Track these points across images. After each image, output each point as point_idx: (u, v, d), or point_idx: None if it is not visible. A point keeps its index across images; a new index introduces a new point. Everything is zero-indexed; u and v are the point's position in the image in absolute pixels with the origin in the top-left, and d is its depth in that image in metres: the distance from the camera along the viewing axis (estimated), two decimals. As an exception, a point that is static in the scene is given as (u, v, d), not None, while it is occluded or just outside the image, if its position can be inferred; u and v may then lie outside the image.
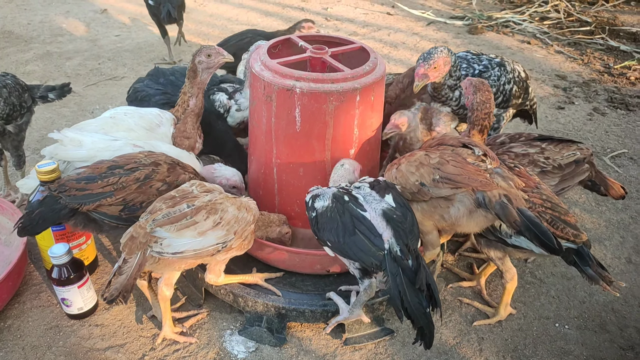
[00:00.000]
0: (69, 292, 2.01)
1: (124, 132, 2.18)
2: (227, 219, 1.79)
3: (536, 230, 1.73)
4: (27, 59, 4.52)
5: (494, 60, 2.54)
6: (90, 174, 1.88)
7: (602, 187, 2.26)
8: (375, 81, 2.01)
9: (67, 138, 2.15)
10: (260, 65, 2.05)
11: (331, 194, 1.83)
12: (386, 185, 1.86)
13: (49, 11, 5.69)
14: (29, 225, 1.85)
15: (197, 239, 1.74)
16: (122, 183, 1.85)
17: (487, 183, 1.80)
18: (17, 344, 1.99)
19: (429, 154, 1.92)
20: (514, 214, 1.76)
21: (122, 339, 2.03)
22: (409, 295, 1.63)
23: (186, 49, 4.86)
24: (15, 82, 2.53)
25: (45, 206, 1.85)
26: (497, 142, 2.25)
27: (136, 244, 1.69)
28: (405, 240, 1.70)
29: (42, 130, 3.43)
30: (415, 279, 1.64)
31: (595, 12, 5.99)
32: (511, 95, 2.55)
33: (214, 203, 1.80)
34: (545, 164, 2.09)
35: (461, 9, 6.25)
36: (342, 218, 1.75)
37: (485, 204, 1.81)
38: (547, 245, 1.73)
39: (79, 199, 1.82)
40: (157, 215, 1.72)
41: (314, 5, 6.26)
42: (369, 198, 1.80)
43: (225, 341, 2.02)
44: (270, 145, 2.09)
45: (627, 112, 3.94)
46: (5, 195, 2.75)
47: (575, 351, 2.03)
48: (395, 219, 1.73)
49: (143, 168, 1.91)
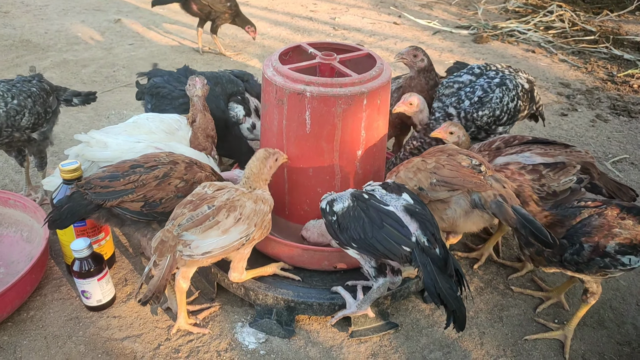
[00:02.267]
0: (89, 284, 2.11)
1: (146, 135, 2.30)
2: (247, 214, 1.90)
3: (531, 226, 1.83)
4: (44, 67, 4.67)
5: (494, 82, 2.57)
6: (113, 172, 2.00)
7: (606, 190, 2.24)
8: (381, 86, 2.11)
9: (94, 140, 2.29)
10: (272, 70, 2.16)
11: (349, 195, 1.92)
12: (397, 186, 1.94)
13: (65, 21, 5.86)
14: (58, 219, 1.98)
15: (222, 237, 1.85)
16: (142, 180, 1.97)
17: (481, 184, 1.92)
18: (39, 333, 2.10)
19: (425, 159, 2.03)
20: (510, 212, 1.87)
21: (139, 329, 2.12)
22: (441, 282, 1.73)
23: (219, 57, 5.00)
24: (40, 88, 2.61)
25: (73, 202, 1.97)
26: (493, 148, 2.32)
27: (166, 247, 1.81)
28: (432, 230, 1.80)
29: (59, 134, 3.56)
30: (444, 266, 1.75)
31: (599, 22, 6.08)
32: (516, 112, 2.61)
33: (232, 201, 1.90)
34: (539, 191, 2.12)
35: (467, 18, 6.37)
36: (368, 213, 1.82)
37: (481, 204, 1.93)
38: (543, 241, 1.82)
39: (103, 196, 1.94)
40: (181, 220, 1.83)
41: (322, 15, 6.39)
42: (386, 197, 1.89)
43: (236, 332, 2.11)
44: (281, 147, 2.19)
45: (629, 118, 4.02)
46: (26, 194, 2.87)
47: (573, 346, 2.10)
48: (418, 212, 1.82)
49: (162, 166, 2.02)
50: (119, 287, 2.32)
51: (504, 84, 2.57)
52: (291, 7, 6.63)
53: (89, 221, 2.22)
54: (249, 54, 5.14)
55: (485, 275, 2.46)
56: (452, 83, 2.65)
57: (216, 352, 2.03)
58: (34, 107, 2.53)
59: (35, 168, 2.82)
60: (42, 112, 2.57)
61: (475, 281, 2.42)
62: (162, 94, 2.74)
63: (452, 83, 2.65)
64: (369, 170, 2.26)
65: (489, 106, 2.52)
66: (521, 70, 2.75)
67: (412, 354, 2.05)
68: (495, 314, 2.24)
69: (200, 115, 2.41)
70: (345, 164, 2.18)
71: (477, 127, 2.56)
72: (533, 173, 2.14)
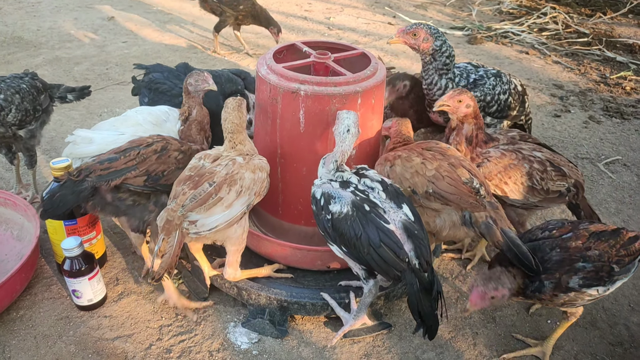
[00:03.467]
0: (80, 283, 2.09)
1: (132, 127, 2.31)
2: (247, 185, 1.91)
3: (517, 250, 1.85)
4: (36, 64, 4.63)
5: (490, 71, 2.63)
6: (111, 156, 2.03)
7: (584, 213, 2.34)
8: (375, 85, 2.11)
9: (79, 137, 2.30)
10: (266, 69, 2.15)
11: (350, 201, 1.78)
12: (397, 193, 1.85)
13: (58, 18, 5.82)
14: (50, 208, 1.97)
15: (226, 212, 1.87)
16: (142, 155, 2.01)
17: (476, 205, 1.92)
18: (29, 333, 2.07)
19: (426, 162, 1.98)
20: (498, 235, 1.90)
21: (130, 329, 2.10)
22: (423, 301, 1.77)
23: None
24: (31, 85, 2.58)
25: (65, 189, 1.96)
26: (509, 136, 2.34)
27: (172, 225, 1.81)
28: (426, 256, 1.77)
29: (51, 132, 3.53)
30: (430, 289, 1.77)
31: (593, 24, 6.11)
32: (506, 106, 2.63)
33: (232, 175, 1.90)
34: (537, 183, 2.18)
35: (461, 19, 6.38)
36: (367, 229, 1.74)
37: (471, 223, 1.93)
38: (527, 266, 1.84)
39: (105, 177, 1.96)
40: (184, 200, 1.83)
41: (316, 14, 6.39)
42: (387, 207, 1.79)
43: (229, 332, 2.10)
44: (275, 146, 2.18)
45: (622, 120, 4.04)
46: (16, 192, 2.84)
47: (566, 346, 2.11)
48: (416, 235, 1.76)
49: (157, 142, 2.08)
50: (110, 286, 2.30)
51: (499, 76, 2.62)
52: (286, 6, 6.62)
53: (81, 220, 2.20)
54: (243, 53, 5.12)
55: (478, 275, 2.45)
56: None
57: (208, 352, 2.02)
58: (22, 104, 2.49)
59: (25, 166, 2.79)
60: (30, 110, 2.54)
61: (469, 281, 2.42)
62: (161, 90, 2.73)
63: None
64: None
65: (481, 89, 2.54)
66: (514, 77, 2.77)
67: (405, 354, 2.05)
68: (489, 315, 2.24)
69: (198, 108, 2.39)
70: (339, 163, 2.17)
71: None
72: (540, 164, 2.19)
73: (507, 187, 2.17)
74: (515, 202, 2.21)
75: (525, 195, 2.18)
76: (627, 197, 3.11)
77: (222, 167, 1.93)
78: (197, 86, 2.37)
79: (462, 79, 2.56)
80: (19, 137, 2.59)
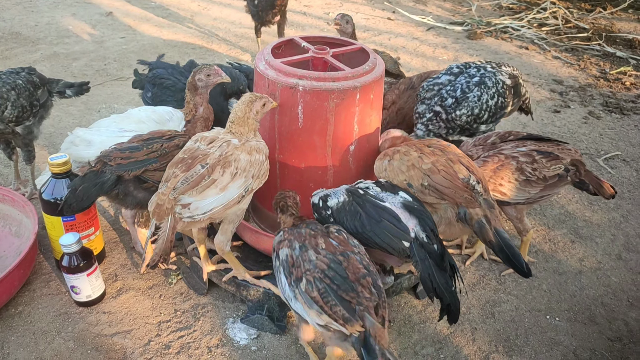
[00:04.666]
0: (78, 279, 2.09)
1: (135, 125, 2.28)
2: (243, 167, 1.85)
3: (508, 252, 1.86)
4: (34, 59, 4.61)
5: (473, 81, 2.57)
6: (132, 145, 2.01)
7: (592, 186, 2.33)
8: (374, 80, 2.10)
9: (78, 138, 2.27)
10: (264, 64, 2.14)
11: (344, 190, 1.91)
12: (392, 185, 1.93)
13: (56, 13, 5.79)
14: (75, 202, 1.95)
15: (221, 195, 1.81)
16: (165, 149, 1.99)
17: (471, 201, 1.92)
18: (27, 329, 2.07)
19: (423, 156, 1.99)
20: (490, 235, 1.90)
21: (129, 325, 2.10)
22: (437, 277, 1.74)
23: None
24: (27, 81, 2.56)
25: (87, 182, 1.95)
26: (488, 143, 2.33)
27: (163, 210, 1.77)
28: (431, 226, 1.80)
29: (49, 127, 3.52)
30: (441, 261, 1.75)
31: (592, 19, 6.09)
32: (498, 109, 2.62)
33: (226, 156, 1.84)
34: (531, 174, 2.18)
35: (461, 15, 6.36)
36: (365, 209, 1.81)
37: (466, 220, 1.93)
38: (517, 268, 1.86)
39: (124, 167, 1.94)
40: (175, 183, 1.79)
41: (316, 10, 6.36)
42: (382, 195, 1.87)
43: (227, 328, 2.10)
44: (274, 141, 2.17)
45: (621, 116, 4.03)
46: (14, 188, 2.83)
47: (565, 342, 2.11)
48: (417, 208, 1.81)
49: (179, 137, 2.06)
50: (109, 282, 2.30)
51: (483, 82, 2.57)
52: (285, 1, 6.59)
53: (79, 216, 2.19)
54: (241, 49, 5.11)
55: (477, 271, 2.46)
56: (432, 86, 2.67)
57: (207, 348, 2.02)
58: (18, 100, 2.47)
59: (24, 162, 2.78)
60: (27, 106, 2.52)
61: (468, 277, 2.42)
62: (165, 85, 2.73)
63: (432, 86, 2.67)
64: (361, 166, 2.25)
65: (465, 105, 2.53)
66: (505, 64, 2.72)
67: (404, 350, 2.05)
68: (488, 310, 2.24)
69: (205, 104, 2.38)
70: (338, 159, 2.17)
71: (459, 126, 2.57)
72: (526, 157, 2.19)
73: (504, 188, 2.16)
74: (519, 199, 2.20)
75: (525, 189, 2.18)
76: (626, 192, 3.11)
77: (215, 148, 1.87)
78: (207, 80, 2.34)
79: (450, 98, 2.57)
80: (17, 133, 2.58)
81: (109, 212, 2.74)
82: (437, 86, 2.65)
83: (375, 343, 1.52)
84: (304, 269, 1.65)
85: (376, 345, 1.52)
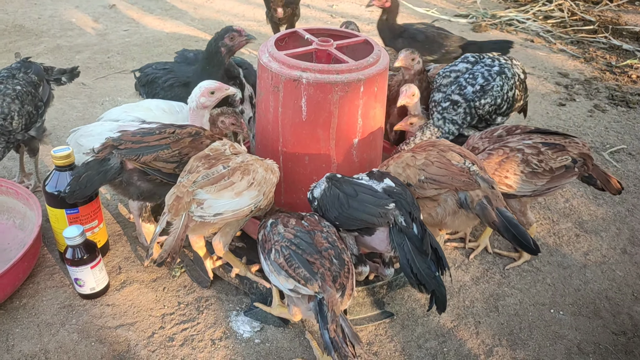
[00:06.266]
0: (82, 272, 2.09)
1: (143, 112, 2.26)
2: (259, 180, 1.88)
3: (514, 231, 1.83)
4: (38, 52, 4.61)
5: (494, 70, 2.52)
6: (144, 128, 2.01)
7: (599, 181, 2.31)
8: (378, 72, 2.08)
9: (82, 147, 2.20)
10: (268, 56, 2.13)
11: (325, 178, 1.94)
12: (381, 173, 1.94)
13: (59, 6, 5.78)
14: (78, 189, 1.91)
15: (235, 200, 1.80)
16: (177, 135, 1.97)
17: (469, 183, 1.90)
18: (32, 321, 2.08)
19: (415, 155, 2.01)
20: (492, 215, 1.86)
21: (133, 318, 2.11)
22: (417, 262, 1.71)
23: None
24: (26, 83, 2.52)
25: (91, 169, 1.92)
26: (495, 136, 2.31)
27: (182, 204, 1.74)
28: (409, 208, 1.78)
29: (53, 120, 3.51)
30: (421, 244, 1.72)
31: (599, 12, 6.04)
32: (514, 101, 2.59)
33: (247, 164, 1.88)
34: (537, 166, 2.16)
35: (465, 7, 6.31)
36: (342, 188, 1.86)
37: (467, 204, 1.91)
38: (525, 246, 1.82)
39: (135, 151, 1.89)
40: (196, 177, 1.79)
41: (319, 2, 6.33)
42: (364, 179, 1.91)
43: (231, 321, 2.10)
44: (277, 134, 2.17)
45: (627, 109, 4.00)
46: (19, 181, 2.84)
47: (569, 335, 2.10)
48: (396, 192, 1.81)
49: (192, 126, 2.05)
50: (113, 275, 2.30)
51: (504, 72, 2.53)
52: (288, -6, 6.55)
53: (82, 208, 2.19)
54: (245, 41, 5.08)
55: (481, 265, 2.45)
56: (449, 72, 2.61)
57: (211, 340, 2.02)
58: (23, 108, 2.45)
59: (27, 155, 2.78)
60: (32, 110, 2.50)
61: (471, 271, 2.41)
62: (151, 80, 2.71)
63: (449, 72, 2.61)
64: (365, 159, 2.24)
65: (490, 94, 2.48)
66: (515, 59, 2.70)
67: (407, 343, 2.04)
68: (491, 304, 2.24)
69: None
70: (342, 152, 2.16)
71: (479, 116, 2.53)
72: (532, 149, 2.17)
73: (510, 180, 2.14)
74: (525, 191, 2.19)
75: (531, 181, 2.16)
76: (631, 185, 3.09)
77: (239, 156, 1.93)
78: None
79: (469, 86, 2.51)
80: (32, 136, 2.59)
81: (113, 204, 2.75)
82: (455, 73, 2.60)
83: (328, 310, 1.60)
84: (273, 241, 1.79)
85: (328, 312, 1.60)
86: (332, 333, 1.58)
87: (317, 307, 1.63)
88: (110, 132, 2.13)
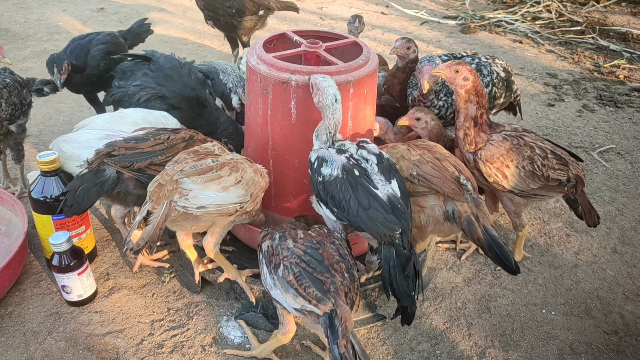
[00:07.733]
0: (69, 279, 2.06)
1: (129, 126, 2.22)
2: (247, 179, 1.87)
3: (498, 250, 1.85)
4: (24, 56, 4.55)
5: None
6: (138, 135, 1.98)
7: (582, 207, 2.34)
8: (368, 74, 2.07)
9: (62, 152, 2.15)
10: (256, 59, 2.11)
11: (340, 165, 1.81)
12: (390, 167, 1.86)
13: (45, 9, 5.73)
14: (75, 203, 1.87)
15: (221, 194, 1.79)
16: (171, 141, 1.95)
17: (457, 193, 1.90)
18: (18, 329, 2.04)
19: (411, 149, 2.00)
20: (479, 232, 1.88)
21: (121, 325, 2.07)
22: (399, 279, 1.71)
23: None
24: (14, 80, 2.53)
25: (87, 182, 1.88)
26: (512, 126, 2.32)
27: (164, 191, 1.71)
28: (407, 232, 1.75)
29: (39, 125, 3.47)
30: (407, 263, 1.72)
31: (586, 13, 6.09)
32: (491, 98, 2.65)
33: (236, 161, 1.88)
34: (538, 168, 2.17)
35: (454, 9, 6.34)
36: (355, 192, 1.77)
37: (454, 218, 1.91)
38: (506, 266, 1.85)
39: (129, 158, 1.87)
40: (184, 167, 1.77)
41: (309, 4, 6.32)
42: (376, 178, 1.81)
43: (221, 327, 2.08)
44: (266, 137, 2.15)
45: (615, 109, 4.03)
46: (4, 187, 2.79)
47: (561, 336, 2.10)
48: (399, 208, 1.76)
49: (185, 130, 2.04)
50: (101, 281, 2.27)
51: (479, 70, 2.60)
52: (277, -4, 6.54)
53: (69, 214, 2.16)
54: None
55: (472, 266, 2.45)
56: None
57: (201, 346, 1.99)
58: (10, 98, 2.45)
59: (13, 161, 2.74)
60: (18, 103, 2.49)
61: (463, 272, 2.40)
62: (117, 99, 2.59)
63: None
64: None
65: None
66: (498, 58, 2.78)
67: (400, 346, 2.03)
68: (483, 305, 2.23)
69: None
70: (332, 154, 2.14)
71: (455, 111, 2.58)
72: (541, 150, 2.19)
73: (509, 171, 2.15)
74: (515, 187, 2.19)
75: (526, 180, 2.16)
76: (621, 185, 3.10)
77: (229, 154, 1.94)
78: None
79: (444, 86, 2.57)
80: (11, 132, 2.54)
81: (100, 210, 2.71)
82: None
83: (339, 325, 1.58)
84: (282, 256, 1.72)
85: (340, 326, 1.58)
86: (342, 348, 1.54)
87: (327, 321, 1.60)
88: (97, 140, 2.10)
